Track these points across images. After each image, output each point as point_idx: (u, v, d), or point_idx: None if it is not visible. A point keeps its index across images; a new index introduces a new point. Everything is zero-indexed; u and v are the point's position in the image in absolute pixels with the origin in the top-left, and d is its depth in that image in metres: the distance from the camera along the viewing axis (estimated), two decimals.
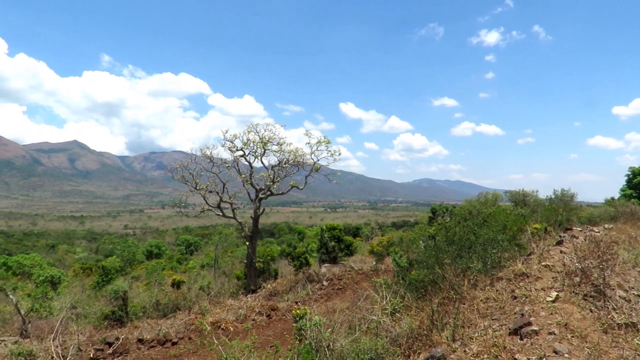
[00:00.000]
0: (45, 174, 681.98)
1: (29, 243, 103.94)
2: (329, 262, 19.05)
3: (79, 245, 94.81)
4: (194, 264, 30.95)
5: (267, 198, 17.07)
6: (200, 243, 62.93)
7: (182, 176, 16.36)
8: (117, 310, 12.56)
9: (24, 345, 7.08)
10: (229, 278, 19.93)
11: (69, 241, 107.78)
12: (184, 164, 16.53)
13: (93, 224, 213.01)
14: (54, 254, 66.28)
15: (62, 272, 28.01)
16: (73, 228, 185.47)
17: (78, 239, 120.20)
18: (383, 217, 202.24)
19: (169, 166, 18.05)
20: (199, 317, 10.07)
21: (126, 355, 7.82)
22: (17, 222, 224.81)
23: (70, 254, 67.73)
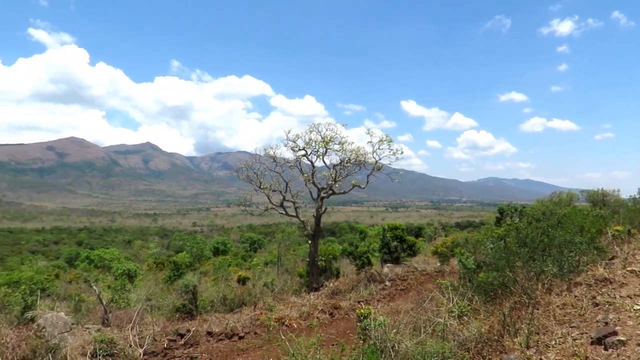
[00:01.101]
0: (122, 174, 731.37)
1: (108, 238, 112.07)
2: (391, 262, 18.82)
3: (152, 241, 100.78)
4: (258, 261, 31.79)
5: (329, 197, 17.15)
6: (263, 241, 64.57)
7: (247, 176, 16.84)
8: (188, 303, 13.14)
9: (106, 333, 7.61)
10: (291, 276, 20.25)
11: (143, 237, 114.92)
12: (248, 163, 17.01)
13: (165, 221, 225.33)
14: (130, 249, 70.95)
15: (137, 266, 29.88)
16: (147, 225, 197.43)
17: (151, 235, 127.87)
18: (446, 217, 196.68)
19: (234, 166, 18.65)
20: (264, 313, 10.32)
21: (197, 347, 8.17)
22: (98, 219, 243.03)
23: (144, 249, 72.14)
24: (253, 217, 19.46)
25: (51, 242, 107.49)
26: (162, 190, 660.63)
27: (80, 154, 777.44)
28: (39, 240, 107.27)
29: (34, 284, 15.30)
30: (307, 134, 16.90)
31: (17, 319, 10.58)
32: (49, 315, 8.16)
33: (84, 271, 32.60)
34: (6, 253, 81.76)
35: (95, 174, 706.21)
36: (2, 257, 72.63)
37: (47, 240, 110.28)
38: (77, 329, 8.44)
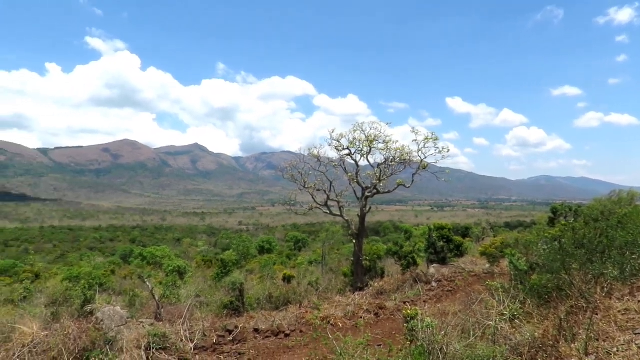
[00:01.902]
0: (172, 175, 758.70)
1: (159, 236, 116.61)
2: (437, 262, 18.44)
3: (200, 239, 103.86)
4: (303, 260, 32.03)
5: (373, 196, 17.03)
6: (307, 240, 65.05)
7: (292, 175, 17.00)
8: (235, 300, 13.43)
9: (159, 328, 7.90)
10: (336, 275, 20.26)
11: (191, 235, 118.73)
12: (293, 163, 17.17)
13: (212, 220, 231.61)
14: (179, 247, 73.48)
15: (187, 264, 30.91)
16: (195, 223, 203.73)
17: (199, 233, 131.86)
18: (495, 217, 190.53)
19: (279, 166, 18.88)
20: (310, 312, 10.40)
21: (244, 343, 8.34)
22: (150, 218, 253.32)
23: (193, 247, 74.48)
24: (298, 216, 19.73)
25: (107, 239, 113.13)
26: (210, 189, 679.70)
27: (133, 155, 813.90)
28: (96, 238, 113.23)
29: (92, 279, 16.12)
30: (350, 133, 16.86)
31: (78, 312, 11.20)
32: (107, 309, 8.57)
33: (137, 268, 34.06)
34: (67, 249, 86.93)
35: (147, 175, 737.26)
36: (64, 253, 77.26)
37: (104, 237, 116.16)
38: (132, 322, 8.82)
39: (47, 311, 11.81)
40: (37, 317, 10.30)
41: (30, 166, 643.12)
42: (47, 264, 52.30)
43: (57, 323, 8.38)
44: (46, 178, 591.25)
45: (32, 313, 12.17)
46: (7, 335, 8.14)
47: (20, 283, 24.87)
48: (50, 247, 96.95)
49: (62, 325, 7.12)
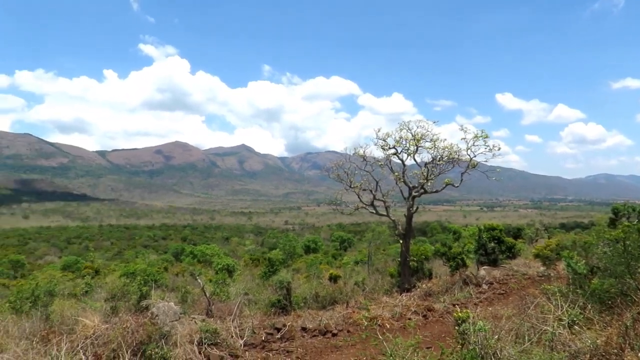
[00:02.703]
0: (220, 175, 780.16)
1: (208, 235, 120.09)
2: (488, 264, 17.87)
3: (247, 238, 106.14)
4: (348, 260, 31.98)
5: (420, 196, 16.72)
6: (353, 240, 64.86)
7: (337, 175, 17.00)
8: (282, 299, 13.61)
9: (210, 324, 8.13)
10: (382, 275, 20.09)
11: (239, 234, 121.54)
12: (339, 163, 17.16)
13: (259, 220, 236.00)
14: (228, 245, 75.38)
15: (235, 262, 31.63)
16: (242, 223, 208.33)
17: (247, 232, 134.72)
18: (549, 218, 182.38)
19: (324, 166, 18.95)
20: (357, 312, 10.36)
21: (292, 341, 8.42)
22: (200, 217, 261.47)
23: (240, 246, 76.20)
24: (343, 215, 19.63)
25: (160, 237, 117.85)
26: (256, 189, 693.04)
27: (183, 156, 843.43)
28: (150, 236, 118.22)
29: (147, 275, 16.81)
30: (397, 132, 16.64)
31: (134, 307, 11.74)
32: (161, 304, 8.90)
33: (189, 265, 35.23)
34: (123, 247, 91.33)
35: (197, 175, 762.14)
36: (120, 251, 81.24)
37: (157, 236, 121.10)
38: (185, 318, 9.12)
39: (107, 305, 12.46)
40: (98, 311, 10.88)
41: (90, 168, 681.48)
42: (106, 261, 55.14)
43: (115, 317, 8.81)
44: (104, 179, 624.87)
45: (93, 307, 12.88)
46: (71, 327, 8.66)
47: (82, 278, 26.37)
48: (108, 244, 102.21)
49: (121, 319, 7.47)
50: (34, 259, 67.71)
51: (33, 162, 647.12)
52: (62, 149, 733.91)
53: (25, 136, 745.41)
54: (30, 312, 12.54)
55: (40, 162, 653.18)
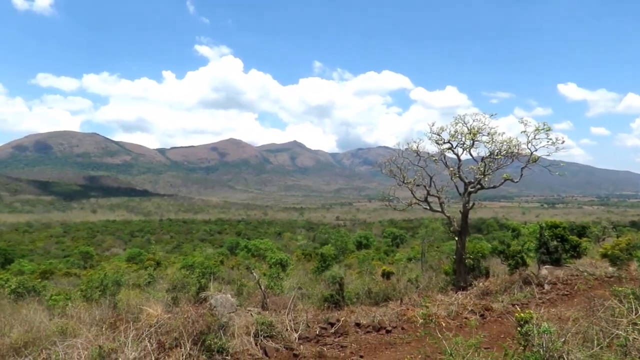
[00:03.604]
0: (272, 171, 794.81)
1: (262, 230, 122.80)
2: (550, 263, 17.01)
3: (299, 233, 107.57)
4: (401, 256, 31.64)
5: (476, 192, 16.17)
6: (405, 236, 64.03)
7: (390, 170, 16.77)
8: (335, 294, 13.68)
9: (266, 316, 8.31)
10: (436, 273, 19.69)
11: (291, 229, 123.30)
12: (391, 158, 16.93)
13: (310, 215, 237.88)
14: (280, 240, 76.76)
15: (288, 256, 32.15)
16: (294, 218, 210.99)
17: (299, 227, 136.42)
18: (618, 215, 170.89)
19: (376, 161, 18.75)
20: (411, 309, 10.22)
21: (346, 336, 8.44)
22: (253, 212, 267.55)
23: (293, 241, 77.38)
24: (395, 211, 19.37)
25: (216, 232, 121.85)
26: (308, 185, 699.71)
27: (237, 153, 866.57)
28: (206, 230, 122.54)
29: (204, 268, 17.47)
30: (452, 126, 16.17)
31: (194, 298, 12.22)
32: (219, 296, 9.20)
33: (243, 259, 36.18)
34: (182, 240, 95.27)
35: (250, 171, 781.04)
36: (179, 244, 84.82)
37: (213, 230, 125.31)
38: (241, 310, 9.39)
39: (168, 296, 13.07)
40: (160, 301, 11.42)
41: (151, 165, 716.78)
42: (166, 253, 57.88)
43: (176, 307, 9.22)
44: (164, 175, 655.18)
45: (155, 297, 13.55)
46: (136, 316, 9.15)
47: (145, 270, 27.81)
48: (168, 238, 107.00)
49: (182, 310, 7.80)
50: (101, 250, 72.22)
51: (100, 160, 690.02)
52: (126, 147, 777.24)
53: (92, 135, 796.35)
54: (99, 300, 13.41)
55: (107, 159, 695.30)
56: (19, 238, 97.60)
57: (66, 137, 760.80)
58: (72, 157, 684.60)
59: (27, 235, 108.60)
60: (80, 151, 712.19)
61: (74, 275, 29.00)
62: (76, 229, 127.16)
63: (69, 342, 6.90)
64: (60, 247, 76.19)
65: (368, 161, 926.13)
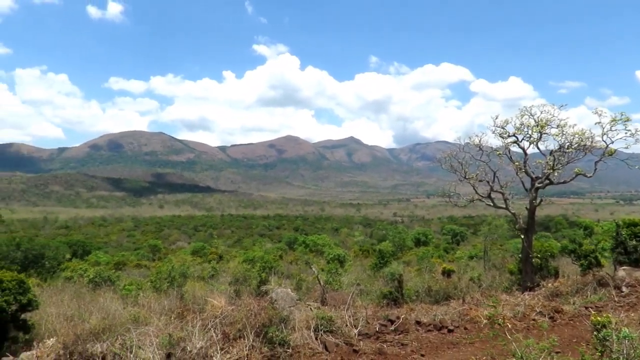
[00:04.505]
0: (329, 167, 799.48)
1: (319, 225, 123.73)
2: (628, 264, 15.79)
3: (356, 229, 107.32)
4: (462, 254, 30.73)
5: (544, 187, 15.32)
6: (466, 233, 62.05)
7: (451, 165, 16.28)
8: (394, 291, 13.54)
9: (325, 311, 8.36)
10: (500, 272, 18.97)
11: (348, 225, 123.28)
12: (452, 153, 16.42)
13: (367, 211, 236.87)
14: (338, 236, 76.99)
15: (345, 252, 32.20)
16: (351, 214, 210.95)
17: (355, 224, 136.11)
18: None
19: (436, 156, 18.26)
20: (475, 309, 9.88)
21: (406, 334, 8.31)
22: (310, 208, 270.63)
23: (350, 237, 77.37)
24: (455, 208, 18.78)
25: (274, 227, 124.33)
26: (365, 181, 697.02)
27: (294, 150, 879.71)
28: (265, 225, 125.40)
29: (264, 262, 17.90)
30: (517, 118, 15.40)
31: (255, 291, 12.58)
32: (279, 290, 9.39)
33: (302, 254, 36.71)
34: (242, 235, 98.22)
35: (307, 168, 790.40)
36: (240, 239, 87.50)
37: (271, 225, 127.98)
38: (301, 304, 9.51)
39: (231, 288, 13.56)
40: (223, 293, 11.86)
41: (213, 162, 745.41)
42: (227, 247, 59.87)
43: (239, 299, 9.51)
44: (225, 172, 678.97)
45: (219, 289, 14.09)
46: (201, 307, 9.54)
47: (208, 263, 28.99)
48: (229, 232, 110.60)
49: (245, 302, 8.03)
50: (168, 244, 75.99)
51: (166, 158, 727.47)
52: (189, 145, 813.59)
53: (159, 135, 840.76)
54: (167, 291, 14.14)
55: (172, 157, 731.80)
56: (95, 231, 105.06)
57: (136, 137, 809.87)
58: (141, 156, 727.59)
59: (102, 228, 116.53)
60: (148, 150, 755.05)
61: (144, 267, 30.75)
62: (145, 224, 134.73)
63: (141, 329, 7.31)
64: (131, 240, 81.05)
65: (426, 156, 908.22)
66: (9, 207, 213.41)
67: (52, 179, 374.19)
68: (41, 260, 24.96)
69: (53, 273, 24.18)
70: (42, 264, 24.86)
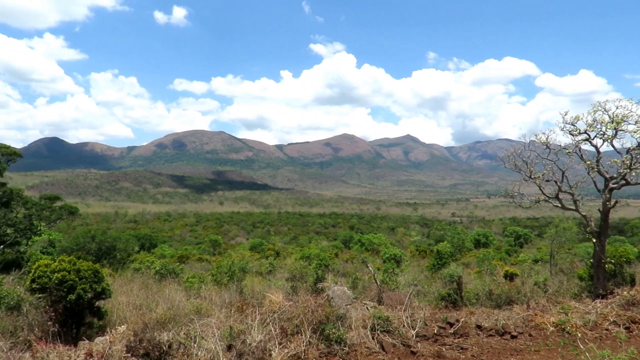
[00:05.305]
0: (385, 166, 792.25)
1: (375, 224, 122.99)
2: None
3: (413, 229, 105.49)
4: (525, 257, 29.33)
5: (619, 188, 14.25)
6: (530, 235, 59.10)
7: (515, 164, 15.57)
8: (453, 293, 13.16)
9: (382, 311, 8.29)
10: (567, 277, 17.90)
11: (405, 225, 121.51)
12: (516, 151, 15.70)
13: (424, 211, 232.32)
14: (394, 235, 76.04)
15: (401, 252, 31.72)
16: (408, 213, 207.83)
17: (412, 223, 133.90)
18: None
19: (498, 154, 17.53)
20: (540, 315, 9.38)
21: (466, 338, 8.06)
22: (366, 207, 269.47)
23: (406, 236, 76.13)
24: (518, 209, 18.05)
25: (330, 225, 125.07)
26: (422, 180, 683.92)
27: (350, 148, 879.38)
28: (321, 223, 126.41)
29: (320, 260, 18.02)
30: (589, 114, 14.43)
31: (311, 288, 12.70)
32: (336, 288, 9.42)
33: (358, 252, 36.62)
34: (298, 232, 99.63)
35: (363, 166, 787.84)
36: (296, 236, 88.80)
37: (327, 223, 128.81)
38: (357, 303, 9.49)
39: (288, 285, 13.77)
40: (280, 289, 12.08)
41: (270, 160, 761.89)
42: (284, 244, 60.99)
43: (295, 296, 9.64)
44: (282, 170, 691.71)
45: (276, 285, 14.37)
46: (260, 301, 9.77)
47: (266, 259, 29.66)
48: (286, 229, 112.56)
49: (302, 299, 8.13)
50: (227, 239, 78.61)
51: (226, 156, 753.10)
52: (248, 144, 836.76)
53: (219, 134, 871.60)
54: (227, 285, 14.62)
55: (231, 155, 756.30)
56: (160, 226, 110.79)
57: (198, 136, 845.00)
58: (202, 154, 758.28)
59: (167, 223, 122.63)
60: (210, 148, 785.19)
61: (205, 261, 32.01)
62: (206, 219, 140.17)
63: (204, 321, 7.62)
64: (193, 235, 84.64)
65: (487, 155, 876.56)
66: (85, 201, 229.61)
67: (122, 176, 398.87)
68: (113, 252, 26.64)
69: (123, 264, 25.75)
70: (114, 255, 26.53)
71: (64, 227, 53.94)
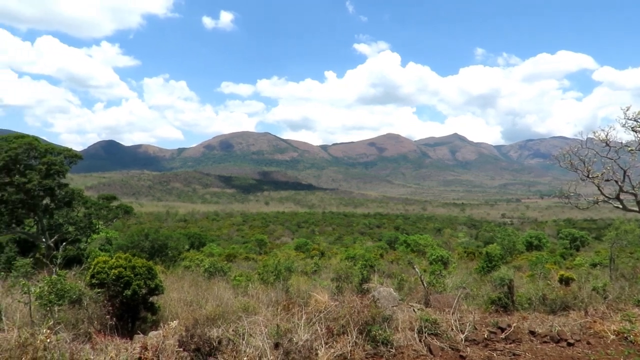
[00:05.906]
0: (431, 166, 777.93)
1: (420, 225, 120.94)
2: None
3: (460, 230, 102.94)
4: (582, 261, 27.90)
5: None
6: (587, 238, 56.13)
7: (570, 163, 14.84)
8: (503, 297, 12.70)
9: (430, 313, 8.13)
10: (629, 282, 16.85)
11: (451, 226, 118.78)
12: (572, 149, 14.95)
13: (472, 211, 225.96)
14: (440, 237, 74.46)
15: (449, 254, 31.02)
16: (455, 214, 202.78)
17: (459, 224, 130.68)
18: None
19: (552, 153, 16.78)
20: (600, 322, 8.87)
21: (518, 344, 7.75)
22: (411, 207, 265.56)
23: (453, 238, 74.37)
24: (574, 210, 17.13)
25: (374, 225, 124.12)
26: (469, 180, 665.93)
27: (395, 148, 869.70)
28: (366, 224, 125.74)
29: (366, 260, 17.93)
30: None
31: (357, 288, 12.65)
32: (381, 289, 9.34)
33: (403, 253, 36.14)
34: (343, 232, 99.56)
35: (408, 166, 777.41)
36: (340, 236, 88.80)
37: (372, 224, 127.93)
38: (403, 305, 9.36)
39: (333, 285, 13.78)
40: (326, 289, 12.11)
41: (314, 160, 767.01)
42: (328, 244, 61.15)
43: (341, 296, 9.63)
44: (326, 170, 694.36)
45: (321, 285, 14.43)
46: (305, 301, 9.84)
47: (311, 259, 29.85)
48: (330, 229, 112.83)
49: (348, 299, 8.11)
50: (273, 238, 79.80)
51: (271, 157, 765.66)
52: (293, 144, 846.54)
53: (265, 135, 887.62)
54: (274, 284, 14.83)
55: (277, 156, 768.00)
56: (209, 225, 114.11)
57: (244, 137, 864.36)
58: (249, 155, 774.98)
59: (215, 222, 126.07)
60: (256, 149, 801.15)
61: (252, 260, 32.64)
62: (252, 219, 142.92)
63: (251, 318, 7.76)
64: (240, 234, 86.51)
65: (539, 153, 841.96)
66: (138, 201, 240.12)
67: (173, 176, 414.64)
68: (165, 249, 27.72)
69: (174, 262, 26.73)
70: (166, 253, 27.59)
71: (120, 225, 56.74)
